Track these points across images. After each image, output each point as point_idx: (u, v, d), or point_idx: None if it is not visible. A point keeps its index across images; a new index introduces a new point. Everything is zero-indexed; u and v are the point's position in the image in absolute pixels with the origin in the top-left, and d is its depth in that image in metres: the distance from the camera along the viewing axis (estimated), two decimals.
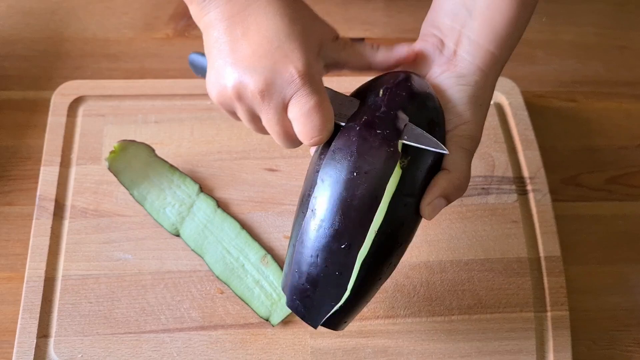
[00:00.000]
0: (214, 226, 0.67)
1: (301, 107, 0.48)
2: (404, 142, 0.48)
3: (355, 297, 0.49)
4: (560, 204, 0.74)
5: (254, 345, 0.62)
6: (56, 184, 0.68)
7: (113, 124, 0.73)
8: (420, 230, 0.68)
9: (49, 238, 0.65)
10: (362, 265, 0.48)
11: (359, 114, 0.50)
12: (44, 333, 0.61)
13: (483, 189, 0.72)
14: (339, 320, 0.51)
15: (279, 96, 0.48)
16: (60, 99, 0.74)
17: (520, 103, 0.78)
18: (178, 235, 0.67)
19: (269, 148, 0.73)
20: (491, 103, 0.77)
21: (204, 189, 0.69)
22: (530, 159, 0.74)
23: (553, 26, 0.90)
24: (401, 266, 0.66)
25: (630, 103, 0.84)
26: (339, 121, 0.50)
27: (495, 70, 0.54)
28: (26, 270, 0.64)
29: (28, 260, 0.64)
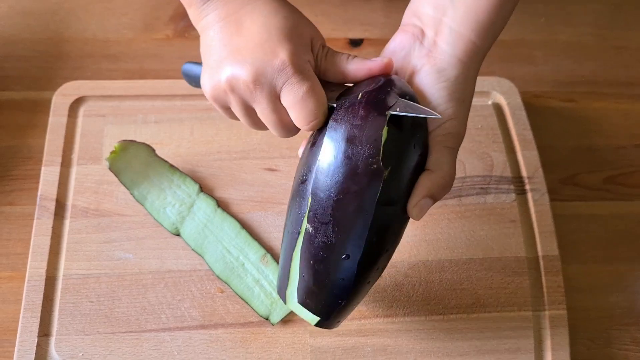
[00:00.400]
0: (214, 226, 0.67)
1: (295, 94, 0.49)
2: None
3: (346, 301, 0.52)
4: (559, 203, 0.75)
5: (254, 344, 0.62)
6: (57, 183, 0.68)
7: (113, 124, 0.73)
8: (419, 229, 0.69)
9: (50, 237, 0.66)
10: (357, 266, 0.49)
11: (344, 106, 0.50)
12: (45, 332, 0.62)
13: (481, 188, 0.72)
14: (333, 320, 0.54)
15: (270, 85, 0.49)
16: (61, 99, 0.74)
17: (518, 103, 0.78)
18: (178, 235, 0.67)
19: (269, 148, 0.73)
20: (489, 103, 0.78)
21: (204, 189, 0.70)
22: (528, 159, 0.74)
23: (551, 27, 0.90)
24: (400, 265, 0.67)
25: (628, 103, 0.85)
26: (331, 103, 0.51)
27: (476, 61, 0.53)
28: (27, 270, 0.64)
29: (29, 260, 0.64)
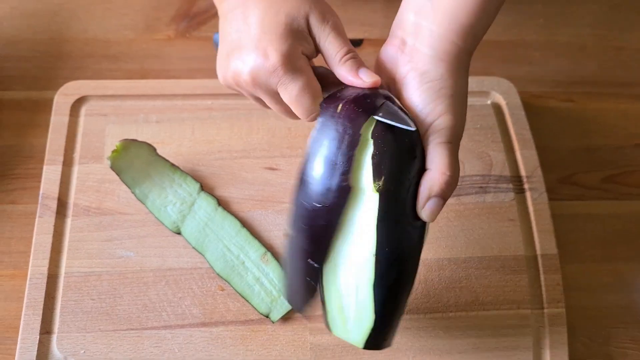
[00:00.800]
0: (215, 224, 0.67)
1: (289, 94, 0.51)
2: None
3: (382, 319, 0.51)
4: (557, 202, 0.75)
5: (254, 342, 0.63)
6: (59, 182, 0.69)
7: (115, 124, 0.73)
8: None
9: (52, 236, 0.66)
10: (375, 287, 0.49)
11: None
12: (46, 329, 0.62)
13: (480, 187, 0.72)
14: (378, 340, 0.52)
15: (266, 86, 0.52)
16: (62, 98, 0.74)
17: (517, 103, 0.78)
18: (179, 233, 0.67)
19: (269, 147, 0.73)
20: (488, 103, 0.78)
21: (205, 188, 0.70)
22: (527, 158, 0.74)
23: (550, 28, 0.90)
24: None
25: (627, 103, 0.85)
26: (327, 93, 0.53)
27: (462, 60, 0.52)
28: (29, 268, 0.64)
29: (31, 258, 0.65)
